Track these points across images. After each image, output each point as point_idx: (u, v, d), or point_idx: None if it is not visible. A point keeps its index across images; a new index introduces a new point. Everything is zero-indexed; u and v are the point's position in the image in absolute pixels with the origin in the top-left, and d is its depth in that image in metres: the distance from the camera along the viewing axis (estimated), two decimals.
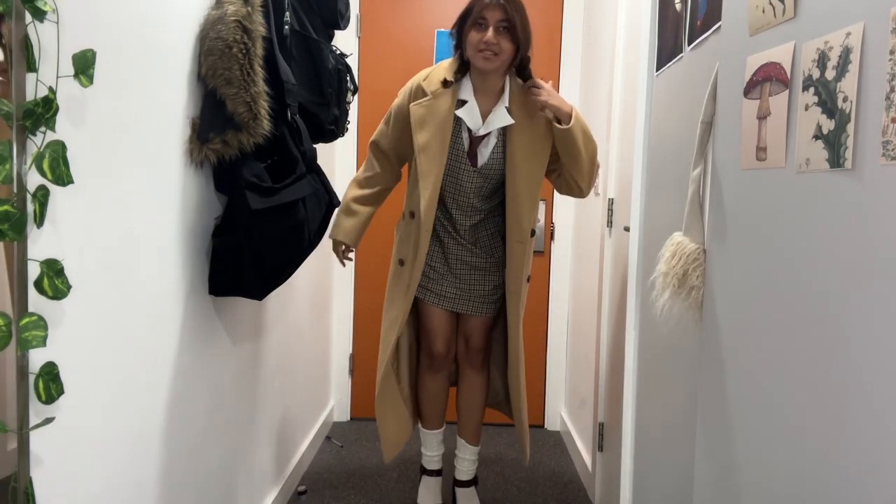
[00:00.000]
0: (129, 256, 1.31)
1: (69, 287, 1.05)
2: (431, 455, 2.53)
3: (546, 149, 2.14)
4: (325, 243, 2.90)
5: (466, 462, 2.50)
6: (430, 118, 2.11)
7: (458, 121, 2.14)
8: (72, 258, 1.09)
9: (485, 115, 2.14)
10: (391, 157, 2.32)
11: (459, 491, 2.51)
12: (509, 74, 2.15)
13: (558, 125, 2.04)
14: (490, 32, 2.01)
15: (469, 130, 2.14)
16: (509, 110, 2.13)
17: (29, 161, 0.98)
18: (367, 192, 2.33)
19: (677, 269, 1.30)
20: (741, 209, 1.12)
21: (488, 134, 2.14)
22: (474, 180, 2.19)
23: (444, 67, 2.18)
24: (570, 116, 2.05)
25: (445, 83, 2.12)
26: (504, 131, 2.15)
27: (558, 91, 2.42)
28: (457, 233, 2.29)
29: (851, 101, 0.81)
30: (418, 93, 2.16)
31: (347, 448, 3.11)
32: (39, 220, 1.00)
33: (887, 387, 0.75)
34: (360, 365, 3.49)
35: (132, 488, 1.36)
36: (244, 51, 1.49)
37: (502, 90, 2.14)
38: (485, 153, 2.15)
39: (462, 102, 2.13)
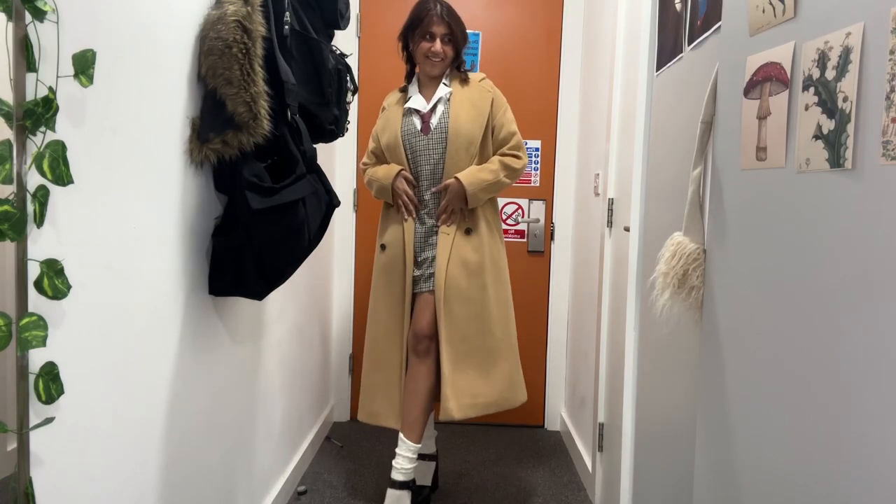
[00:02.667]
0: (129, 256, 1.31)
1: (69, 287, 1.05)
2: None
3: (483, 112, 2.44)
4: (325, 243, 2.89)
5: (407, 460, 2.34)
6: (386, 123, 2.50)
7: (409, 113, 2.47)
8: (72, 258, 1.09)
9: (429, 99, 2.49)
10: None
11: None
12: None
13: (467, 207, 2.41)
14: (437, 43, 2.40)
15: (418, 113, 2.46)
16: (448, 85, 2.50)
17: (29, 161, 0.98)
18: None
19: (677, 269, 1.30)
20: (741, 209, 1.12)
21: (435, 107, 2.46)
22: (430, 147, 2.44)
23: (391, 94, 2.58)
24: (465, 199, 2.38)
25: (402, 89, 2.54)
26: (448, 104, 2.46)
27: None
28: (428, 215, 2.45)
29: (851, 101, 0.81)
30: (382, 109, 2.57)
31: (347, 448, 3.11)
32: (39, 220, 1.00)
33: (887, 386, 0.75)
34: (360, 365, 3.49)
35: (132, 488, 1.36)
36: (244, 51, 1.49)
37: (441, 78, 2.50)
38: (433, 122, 2.45)
39: (407, 99, 2.50)
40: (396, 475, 2.30)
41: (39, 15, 0.97)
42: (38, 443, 1.03)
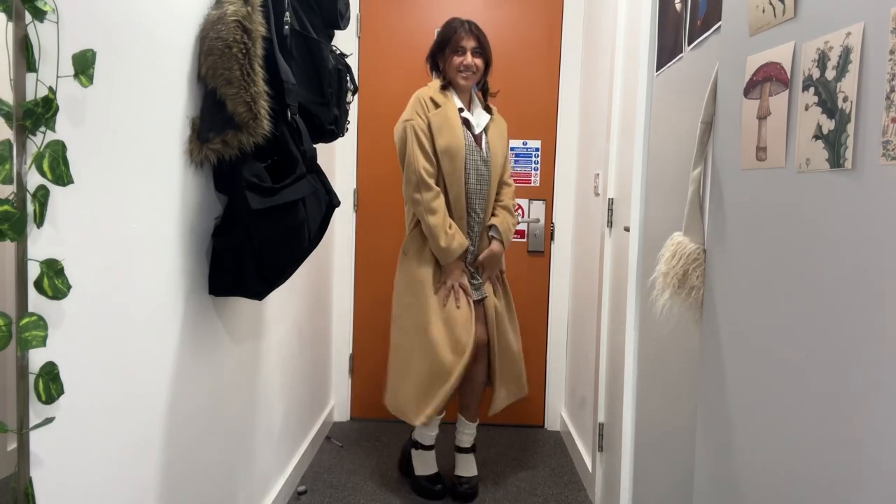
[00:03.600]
0: (130, 256, 1.31)
1: (69, 287, 1.05)
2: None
3: (505, 145, 2.73)
4: (325, 243, 2.90)
5: (467, 435, 2.70)
6: (445, 123, 2.53)
7: (464, 123, 2.57)
8: (72, 258, 1.09)
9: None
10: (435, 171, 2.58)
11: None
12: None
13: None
14: (468, 56, 2.55)
15: (469, 126, 2.59)
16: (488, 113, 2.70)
17: (29, 161, 0.98)
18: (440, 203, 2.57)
19: (677, 269, 1.30)
20: (741, 209, 1.12)
21: (482, 132, 2.63)
22: (484, 165, 2.60)
23: (431, 89, 2.61)
24: (502, 253, 2.69)
25: (444, 89, 2.60)
26: (484, 131, 2.66)
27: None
28: (468, 229, 2.60)
29: (851, 101, 0.81)
30: (429, 104, 2.56)
31: (347, 448, 3.11)
32: (39, 220, 1.00)
33: (887, 386, 0.75)
34: (360, 365, 3.49)
35: (132, 488, 1.36)
36: (244, 51, 1.49)
37: (471, 99, 2.66)
38: (483, 145, 2.62)
39: (461, 110, 2.60)
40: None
41: (39, 15, 0.97)
42: (38, 443, 1.03)
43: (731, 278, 1.15)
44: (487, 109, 2.68)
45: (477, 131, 2.59)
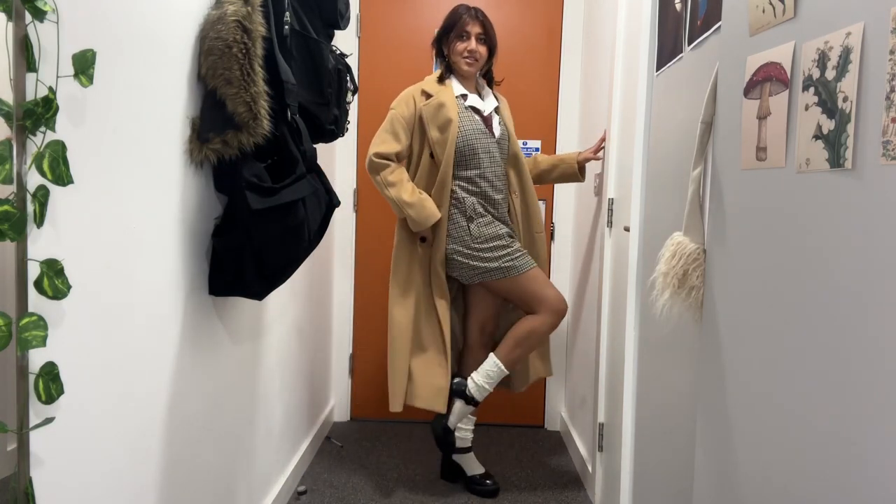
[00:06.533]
0: (129, 256, 1.31)
1: (69, 287, 1.05)
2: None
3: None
4: (325, 243, 2.89)
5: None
6: (439, 113, 2.53)
7: (467, 109, 2.58)
8: (72, 258, 1.09)
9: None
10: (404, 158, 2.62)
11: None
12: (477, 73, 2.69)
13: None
14: (473, 42, 2.55)
15: (479, 112, 2.60)
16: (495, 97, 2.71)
17: (29, 161, 0.98)
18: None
19: (677, 269, 1.30)
20: (741, 209, 1.12)
21: (492, 113, 2.63)
22: (499, 151, 2.61)
23: (424, 82, 2.62)
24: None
25: (440, 80, 2.60)
26: (496, 112, 2.68)
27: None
28: (494, 209, 2.59)
29: (851, 101, 0.81)
30: (419, 97, 2.56)
31: (347, 448, 3.11)
32: (39, 220, 1.00)
33: (887, 386, 0.75)
34: (360, 365, 3.49)
35: (132, 488, 1.36)
36: (244, 51, 1.49)
37: (476, 84, 2.67)
38: (495, 129, 2.62)
39: (463, 97, 2.60)
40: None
41: (39, 15, 0.97)
42: (38, 443, 1.03)
43: (731, 278, 1.15)
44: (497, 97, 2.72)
45: (486, 112, 2.60)
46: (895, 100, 0.74)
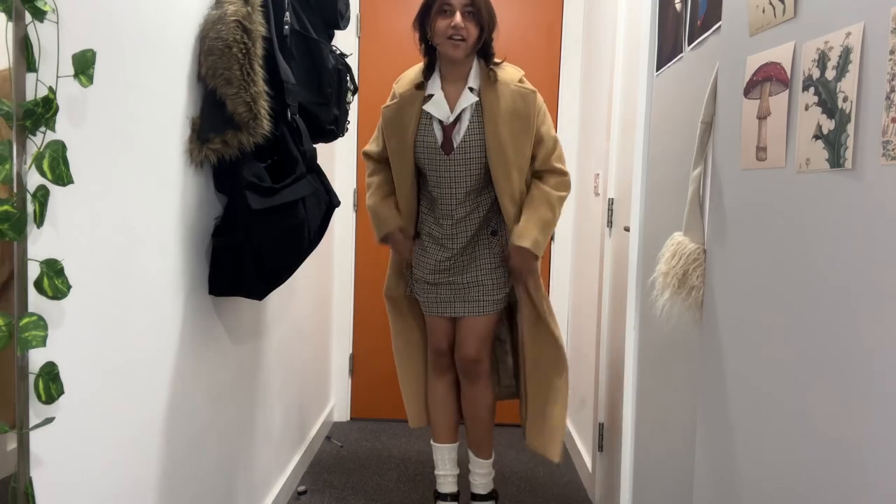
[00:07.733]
0: (129, 256, 1.31)
1: (69, 287, 1.05)
2: (444, 475, 2.38)
3: (528, 124, 2.12)
4: (325, 243, 2.89)
5: (478, 476, 2.38)
6: (396, 121, 2.18)
7: (427, 117, 2.15)
8: (72, 258, 1.09)
9: (453, 103, 2.14)
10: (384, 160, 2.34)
11: None
12: (475, 56, 2.16)
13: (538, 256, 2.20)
14: (457, 17, 2.02)
15: (440, 122, 2.15)
16: (475, 90, 2.13)
17: (29, 161, 0.98)
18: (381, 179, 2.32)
19: (677, 268, 1.30)
20: (741, 209, 1.12)
21: (458, 120, 2.13)
22: (453, 169, 2.15)
23: (417, 69, 2.23)
24: (535, 257, 2.18)
25: (418, 86, 2.16)
26: (479, 113, 2.12)
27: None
28: (442, 235, 2.23)
29: (851, 101, 0.81)
30: (391, 96, 2.24)
31: (347, 448, 3.11)
32: (39, 220, 1.00)
33: (887, 386, 0.75)
34: (360, 365, 3.49)
35: (132, 488, 1.36)
36: (244, 51, 1.49)
37: (468, 73, 2.14)
38: (457, 139, 2.13)
39: (429, 97, 2.15)
40: None
41: (39, 15, 0.97)
42: (38, 443, 1.03)
43: (731, 278, 1.15)
44: (498, 83, 2.12)
45: (447, 121, 2.12)
46: (895, 100, 0.74)
